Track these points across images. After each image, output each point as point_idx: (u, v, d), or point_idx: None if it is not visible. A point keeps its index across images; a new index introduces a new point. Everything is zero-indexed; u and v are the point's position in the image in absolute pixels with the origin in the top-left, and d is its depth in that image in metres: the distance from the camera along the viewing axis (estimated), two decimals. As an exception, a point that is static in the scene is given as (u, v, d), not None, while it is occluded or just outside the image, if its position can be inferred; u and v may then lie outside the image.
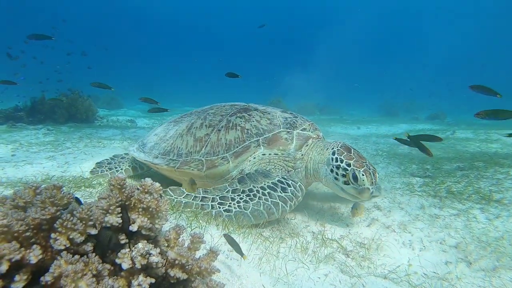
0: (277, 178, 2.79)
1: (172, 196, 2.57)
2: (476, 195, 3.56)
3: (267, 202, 2.54)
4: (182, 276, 1.28)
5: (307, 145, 3.19)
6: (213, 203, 2.51)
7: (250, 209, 2.48)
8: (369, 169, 2.78)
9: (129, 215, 1.36)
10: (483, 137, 8.31)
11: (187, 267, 1.32)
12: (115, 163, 4.19)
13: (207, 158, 3.11)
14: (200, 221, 2.16)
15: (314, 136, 3.28)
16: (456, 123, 13.50)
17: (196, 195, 2.59)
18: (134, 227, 1.32)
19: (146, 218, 1.35)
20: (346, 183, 2.80)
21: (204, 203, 2.51)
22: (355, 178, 2.74)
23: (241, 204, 2.52)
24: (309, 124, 3.38)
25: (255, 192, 2.62)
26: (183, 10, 71.90)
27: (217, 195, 2.60)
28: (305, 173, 3.17)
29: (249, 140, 3.12)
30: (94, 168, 4.11)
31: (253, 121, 3.27)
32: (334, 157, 2.90)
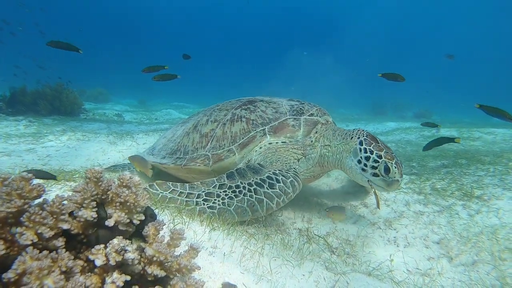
0: (266, 174, 2.68)
1: (158, 191, 2.49)
2: (458, 192, 3.61)
3: (251, 199, 2.47)
4: (160, 273, 1.23)
5: (316, 131, 3.11)
6: (198, 200, 2.45)
7: (233, 206, 2.42)
8: (398, 160, 2.71)
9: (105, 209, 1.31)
10: (466, 135, 8.48)
11: (166, 264, 1.27)
12: (124, 164, 4.20)
13: (213, 153, 3.06)
14: (184, 217, 2.11)
15: (323, 121, 3.21)
16: (441, 122, 13.77)
17: (182, 190, 2.52)
18: (110, 222, 1.26)
19: (123, 213, 1.29)
20: (375, 175, 2.69)
21: (189, 199, 2.44)
22: (386, 170, 2.64)
23: (226, 200, 2.45)
24: (316, 109, 3.29)
25: (241, 188, 2.55)
26: (177, 4, 71.08)
27: (203, 191, 2.53)
28: (319, 161, 3.08)
29: (255, 130, 3.06)
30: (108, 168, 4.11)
31: (258, 112, 3.21)
32: (362, 147, 2.78)
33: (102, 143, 5.43)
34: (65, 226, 1.16)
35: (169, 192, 2.50)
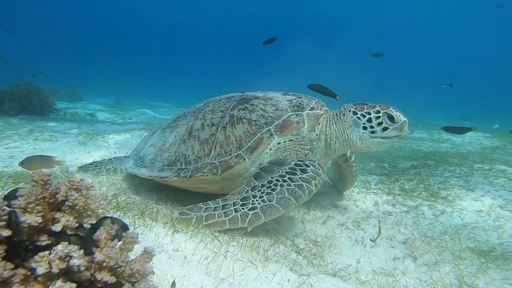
0: (293, 163, 2.69)
1: (191, 214, 2.42)
2: (426, 192, 3.73)
3: (290, 187, 2.43)
4: (111, 279, 1.18)
5: (319, 124, 3.09)
6: (235, 207, 2.39)
7: (275, 199, 2.37)
8: (394, 106, 2.84)
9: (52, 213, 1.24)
10: (436, 137, 8.83)
11: (117, 269, 1.22)
12: (106, 162, 4.01)
13: (219, 160, 2.89)
14: (146, 219, 2.05)
15: (323, 113, 3.17)
16: (414, 123, 14.26)
17: (215, 205, 2.47)
18: (57, 227, 1.20)
19: (72, 217, 1.23)
20: (384, 129, 2.78)
21: (226, 210, 2.38)
22: (390, 118, 2.76)
23: (264, 197, 2.40)
24: (315, 102, 3.22)
25: (274, 182, 2.51)
26: (160, 3, 69.86)
27: (237, 199, 2.47)
28: (325, 152, 3.11)
29: (260, 131, 2.93)
30: (85, 165, 4.00)
31: (258, 111, 3.07)
32: (359, 115, 2.87)
33: (71, 143, 5.22)
34: (5, 233, 1.09)
35: (203, 212, 2.43)
